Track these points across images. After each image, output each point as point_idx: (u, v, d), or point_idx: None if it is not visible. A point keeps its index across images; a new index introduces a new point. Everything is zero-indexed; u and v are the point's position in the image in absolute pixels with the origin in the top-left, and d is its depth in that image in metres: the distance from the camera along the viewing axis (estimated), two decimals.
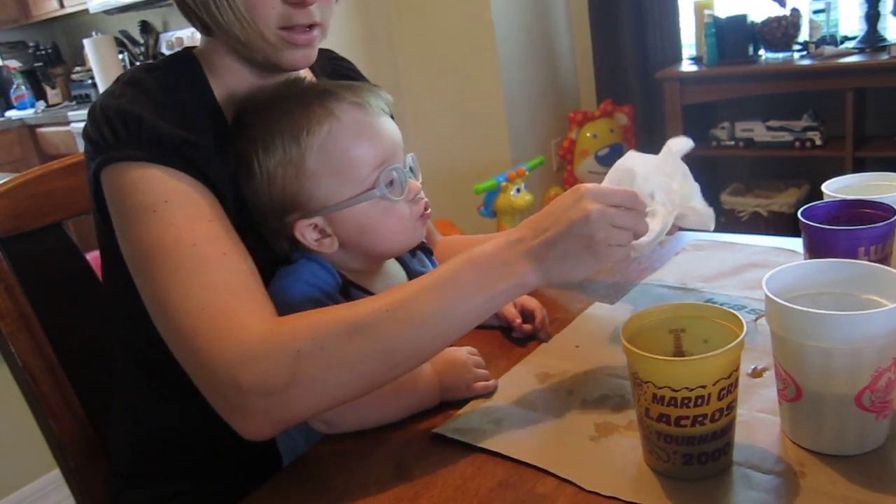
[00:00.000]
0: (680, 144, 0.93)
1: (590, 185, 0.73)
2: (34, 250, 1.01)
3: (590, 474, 0.64)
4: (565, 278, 0.72)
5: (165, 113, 0.78)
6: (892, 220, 0.79)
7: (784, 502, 0.58)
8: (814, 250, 0.83)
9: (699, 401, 0.58)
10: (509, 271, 0.71)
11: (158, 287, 0.73)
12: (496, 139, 2.92)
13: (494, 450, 0.69)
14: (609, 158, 3.02)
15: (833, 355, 0.60)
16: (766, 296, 0.63)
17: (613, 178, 0.87)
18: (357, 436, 0.75)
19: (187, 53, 0.87)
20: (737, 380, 0.61)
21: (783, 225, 2.67)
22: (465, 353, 0.82)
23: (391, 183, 0.81)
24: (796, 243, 1.00)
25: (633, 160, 0.91)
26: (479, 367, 0.81)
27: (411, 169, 0.85)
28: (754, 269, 0.99)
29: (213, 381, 0.70)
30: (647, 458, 0.65)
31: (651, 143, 2.99)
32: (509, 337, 0.91)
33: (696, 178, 0.98)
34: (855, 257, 0.79)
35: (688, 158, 0.94)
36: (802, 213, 0.85)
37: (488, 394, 0.79)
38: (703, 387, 0.58)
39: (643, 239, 0.89)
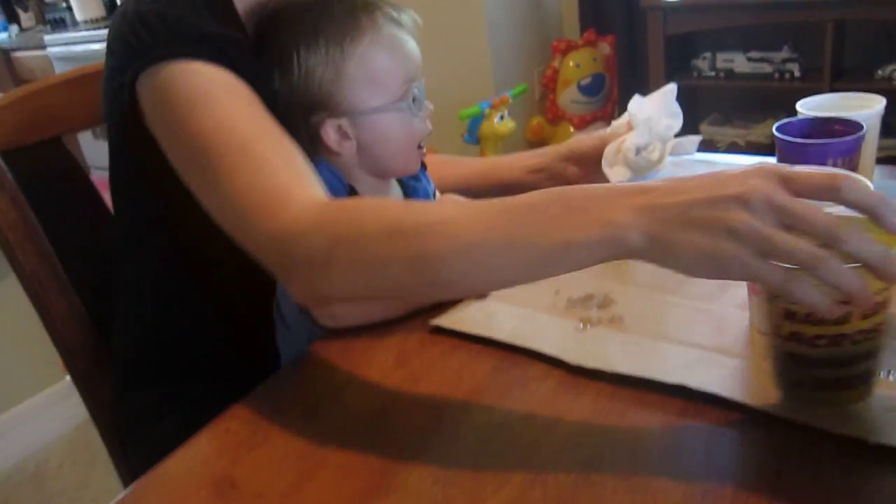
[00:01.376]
0: (671, 87, 1.06)
1: (780, 165, 0.55)
2: (36, 163, 1.04)
3: (575, 354, 0.70)
4: (678, 261, 0.54)
5: (203, 13, 0.80)
6: (858, 134, 0.85)
7: None
8: (787, 162, 0.89)
9: (840, 319, 0.52)
10: (606, 218, 0.55)
11: (208, 177, 0.73)
12: (479, 67, 2.92)
13: (487, 336, 0.75)
14: (592, 88, 3.05)
15: None
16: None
17: (621, 122, 1.03)
18: (359, 332, 0.81)
19: None
20: (888, 301, 0.53)
21: (761, 155, 2.72)
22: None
23: (414, 99, 0.87)
24: (771, 161, 1.06)
25: (638, 104, 1.01)
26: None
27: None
28: None
29: (268, 254, 0.70)
30: (772, 381, 0.60)
31: (633, 74, 3.02)
32: None
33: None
34: None
35: None
36: (777, 129, 0.90)
37: (481, 295, 0.84)
38: (846, 303, 0.50)
39: (641, 164, 0.97)
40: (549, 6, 3.20)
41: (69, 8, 4.22)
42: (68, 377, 2.39)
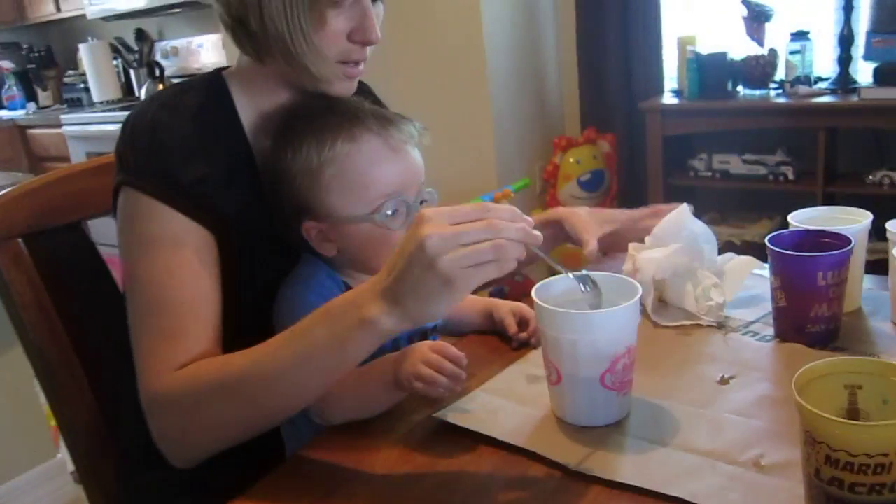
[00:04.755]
0: (685, 208, 1.08)
1: (428, 210, 0.69)
2: (54, 247, 1.07)
3: (574, 457, 0.72)
4: (425, 314, 0.70)
5: (190, 142, 0.88)
6: (848, 248, 0.89)
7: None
8: (779, 273, 0.93)
9: (879, 469, 0.55)
10: (358, 316, 0.71)
11: (130, 316, 0.87)
12: (484, 160, 3.01)
13: (490, 434, 0.77)
14: (592, 184, 3.13)
15: (578, 345, 0.75)
16: (535, 301, 0.77)
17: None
18: (365, 424, 0.83)
19: (217, 76, 0.96)
20: None
21: (755, 254, 2.76)
22: (423, 346, 0.81)
23: (395, 212, 0.87)
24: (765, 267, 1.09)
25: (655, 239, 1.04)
26: (436, 364, 0.79)
27: (424, 202, 0.91)
28: None
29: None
30: None
31: (633, 171, 3.10)
32: (506, 341, 0.99)
33: None
34: (815, 281, 0.89)
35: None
36: (770, 240, 0.94)
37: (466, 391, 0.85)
38: (885, 455, 0.55)
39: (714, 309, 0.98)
40: (552, 104, 3.31)
41: (87, 89, 4.37)
42: (60, 454, 2.37)
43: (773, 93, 2.77)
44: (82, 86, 4.43)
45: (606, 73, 3.07)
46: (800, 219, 1.03)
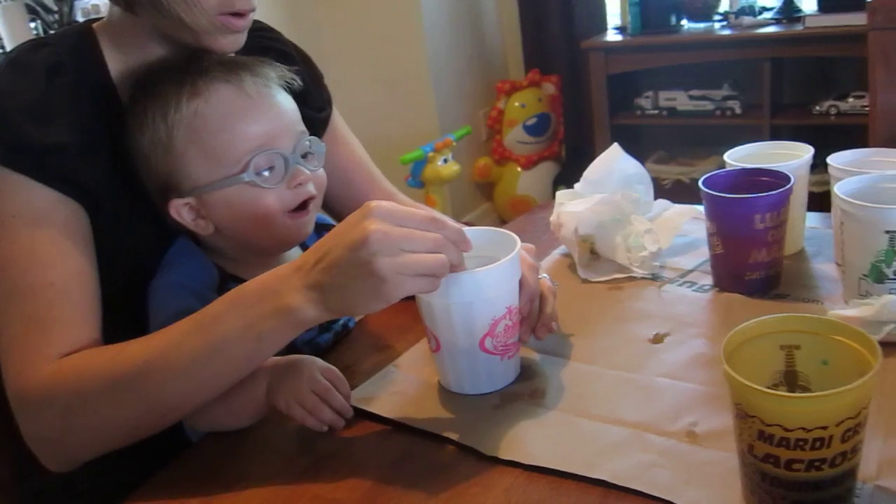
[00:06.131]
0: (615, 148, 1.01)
1: (380, 203, 0.63)
2: None
3: (490, 440, 0.65)
4: (349, 310, 0.65)
5: (43, 105, 0.76)
6: (785, 188, 0.82)
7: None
8: (714, 217, 0.86)
9: (817, 443, 0.49)
10: (277, 305, 0.64)
11: None
12: (423, 109, 2.89)
13: (397, 419, 0.70)
14: (537, 128, 3.04)
15: (452, 309, 0.68)
16: None
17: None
18: None
19: (85, 27, 0.84)
20: (866, 418, 0.50)
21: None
22: (313, 367, 0.72)
23: (271, 169, 0.78)
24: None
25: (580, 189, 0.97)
26: (323, 394, 0.70)
27: (308, 154, 0.81)
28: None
29: (17, 417, 0.73)
30: (746, 497, 0.56)
31: (578, 113, 3.02)
32: None
33: (623, 148, 1.02)
34: (752, 224, 0.82)
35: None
36: (704, 182, 0.87)
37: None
38: (824, 428, 0.49)
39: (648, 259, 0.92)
40: (493, 48, 3.20)
41: (5, 53, 4.12)
42: None
43: (717, 25, 2.70)
44: None
45: (548, 12, 2.96)
46: (737, 156, 0.95)
